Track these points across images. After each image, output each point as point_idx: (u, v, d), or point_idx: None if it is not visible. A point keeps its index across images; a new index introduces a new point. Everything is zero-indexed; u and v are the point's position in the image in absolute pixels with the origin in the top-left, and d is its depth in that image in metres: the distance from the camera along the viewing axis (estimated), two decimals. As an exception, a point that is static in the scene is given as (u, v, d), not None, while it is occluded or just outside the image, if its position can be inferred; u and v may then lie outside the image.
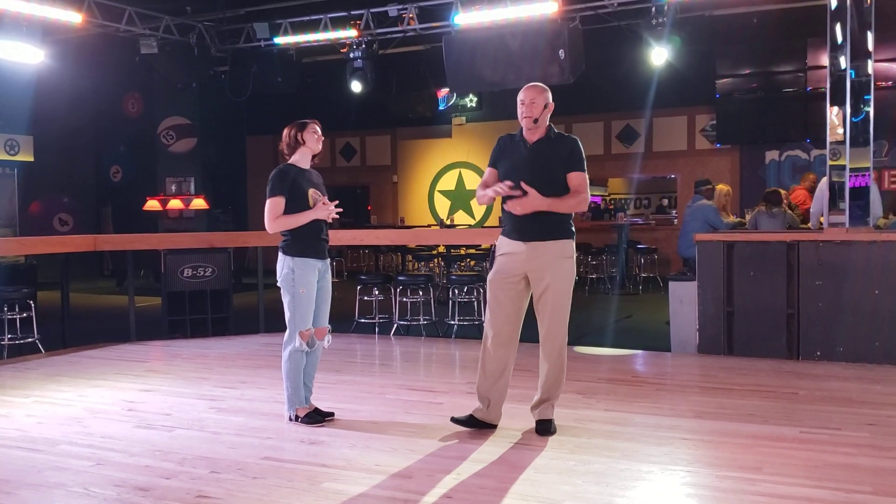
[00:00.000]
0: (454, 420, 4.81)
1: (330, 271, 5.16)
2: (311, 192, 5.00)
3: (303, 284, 4.91)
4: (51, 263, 9.24)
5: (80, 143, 16.63)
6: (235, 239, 9.62)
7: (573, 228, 4.70)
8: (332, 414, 5.16)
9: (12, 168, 15.61)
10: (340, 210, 5.10)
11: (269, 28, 12.04)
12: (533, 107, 4.60)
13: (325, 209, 4.97)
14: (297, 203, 4.94)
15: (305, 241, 4.95)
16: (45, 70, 11.12)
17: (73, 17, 10.54)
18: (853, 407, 5.26)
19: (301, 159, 5.05)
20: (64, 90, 13.70)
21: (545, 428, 4.65)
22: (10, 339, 7.67)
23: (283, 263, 4.95)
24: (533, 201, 4.46)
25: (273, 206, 4.91)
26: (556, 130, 4.73)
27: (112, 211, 16.87)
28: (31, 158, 15.65)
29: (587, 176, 4.65)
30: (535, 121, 4.61)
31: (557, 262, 4.60)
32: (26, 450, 4.54)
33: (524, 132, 4.69)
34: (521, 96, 4.66)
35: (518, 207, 4.49)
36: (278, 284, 5.00)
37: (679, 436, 4.61)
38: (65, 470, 4.15)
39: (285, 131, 5.07)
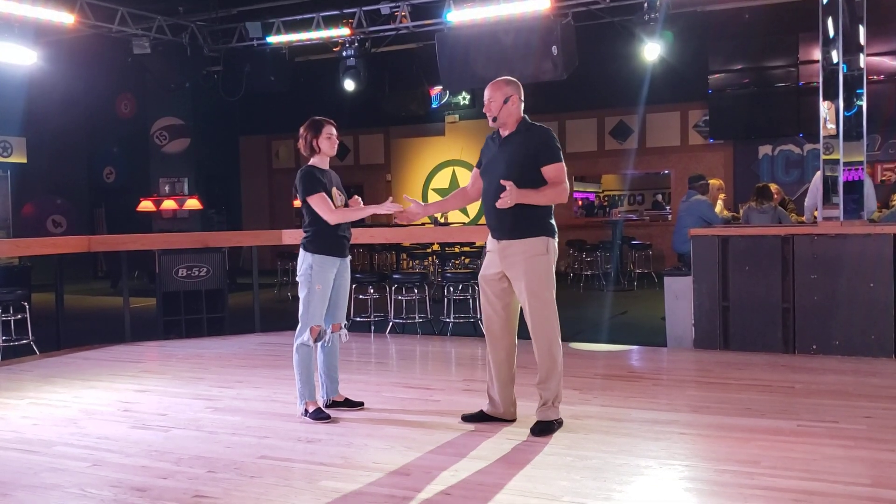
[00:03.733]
0: (465, 418, 4.82)
1: (349, 269, 5.21)
2: (335, 191, 5.11)
3: (320, 281, 4.97)
4: (45, 265, 9.20)
5: (73, 145, 16.59)
6: (230, 239, 9.61)
7: (550, 225, 4.60)
8: (361, 403, 5.30)
9: (5, 170, 15.56)
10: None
11: (262, 27, 12.03)
12: (491, 104, 4.62)
13: (389, 207, 4.97)
14: None
15: (327, 239, 5.02)
16: (38, 71, 11.09)
17: (66, 18, 10.52)
18: (850, 400, 5.28)
19: (319, 162, 5.15)
20: (56, 91, 13.67)
21: (538, 428, 4.57)
22: (4, 341, 7.65)
23: (303, 259, 5.01)
24: (514, 196, 4.38)
25: (323, 201, 4.96)
26: (528, 122, 4.67)
27: (106, 212, 16.84)
28: (24, 160, 15.60)
29: (564, 165, 4.58)
30: (495, 119, 4.62)
31: (528, 261, 4.51)
32: (22, 451, 4.52)
33: (499, 129, 4.70)
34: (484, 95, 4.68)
35: (500, 202, 4.41)
36: (297, 279, 5.09)
37: (676, 430, 4.61)
38: (61, 471, 4.14)
39: (301, 132, 5.13)
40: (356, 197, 5.22)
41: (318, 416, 5.00)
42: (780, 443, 4.33)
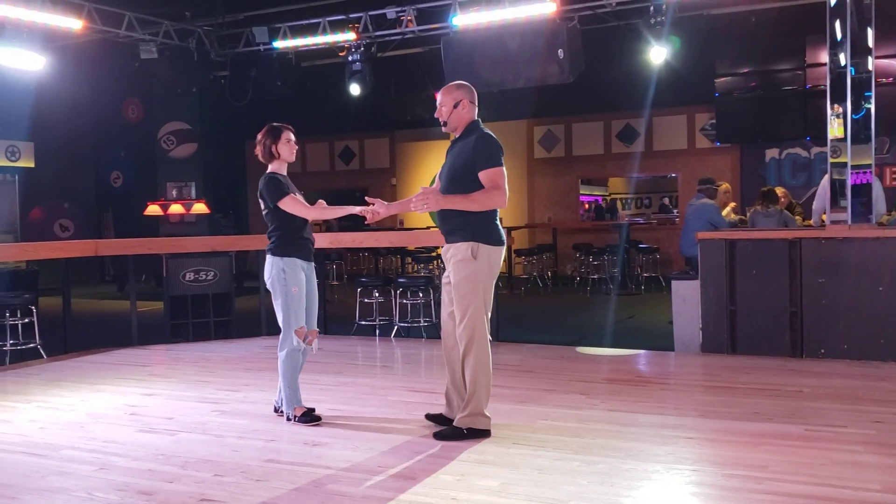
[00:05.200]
0: (428, 417, 4.90)
1: (315, 274, 5.24)
2: (298, 197, 5.15)
3: (294, 283, 4.99)
4: (52, 269, 9.23)
5: (80, 149, 16.65)
6: (236, 243, 9.62)
7: (486, 231, 4.54)
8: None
9: (13, 174, 15.63)
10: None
11: (269, 32, 12.06)
12: (442, 109, 4.69)
13: (357, 209, 5.04)
14: None
15: (293, 243, 5.05)
16: (46, 76, 11.12)
17: (74, 24, 10.55)
18: (859, 404, 5.24)
19: (279, 168, 5.14)
20: (64, 96, 13.71)
21: (445, 433, 4.59)
22: (11, 345, 7.67)
23: (272, 265, 5.03)
24: (430, 200, 4.44)
25: (295, 202, 5.01)
26: (474, 127, 4.65)
27: (113, 216, 16.90)
28: (31, 164, 15.66)
29: (502, 169, 4.50)
30: (445, 123, 4.69)
31: (456, 265, 4.56)
32: (29, 455, 4.53)
33: (452, 134, 4.77)
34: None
35: (418, 206, 4.46)
36: (268, 287, 5.10)
37: (683, 435, 4.59)
38: (68, 475, 4.14)
39: (259, 138, 5.12)
40: (321, 201, 5.25)
41: (308, 419, 5.00)
42: (788, 447, 4.31)
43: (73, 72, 12.87)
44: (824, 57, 7.41)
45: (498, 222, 4.63)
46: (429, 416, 4.91)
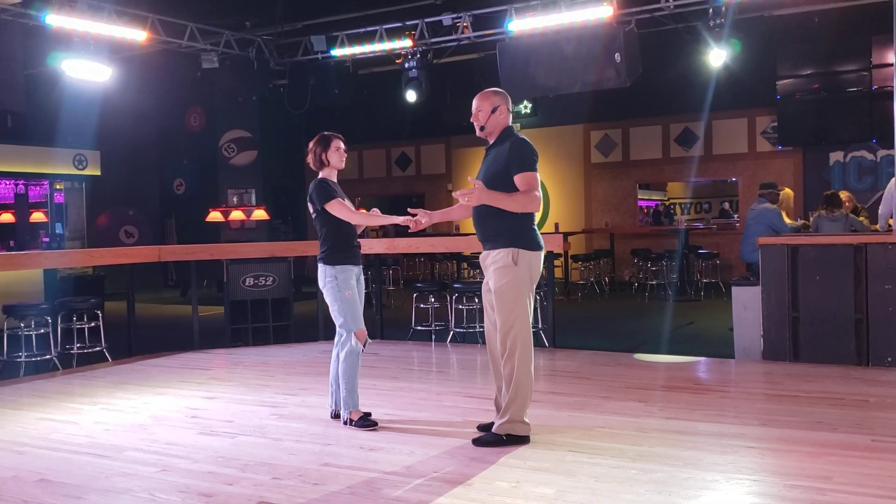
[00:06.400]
0: (480, 428, 4.83)
1: (363, 278, 5.32)
2: (347, 202, 5.24)
3: (347, 288, 5.11)
4: (117, 274, 9.48)
5: (144, 158, 17.07)
6: (295, 248, 9.76)
7: (525, 236, 4.54)
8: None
9: (81, 182, 16.07)
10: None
11: (326, 41, 12.20)
12: (479, 114, 4.72)
13: (400, 219, 5.13)
14: None
15: (345, 250, 5.17)
16: (112, 87, 11.44)
17: (138, 35, 10.84)
18: (928, 415, 5.08)
19: (329, 175, 5.29)
20: (129, 106, 14.10)
21: (484, 439, 4.58)
22: (79, 348, 7.90)
23: (324, 273, 5.14)
24: (478, 194, 4.49)
25: (342, 205, 5.14)
26: (510, 132, 4.68)
27: (176, 223, 17.26)
28: (98, 173, 16.08)
29: (536, 174, 4.52)
30: (482, 128, 4.71)
31: (497, 272, 4.55)
32: (94, 456, 4.66)
33: (488, 139, 4.77)
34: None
35: (465, 200, 4.52)
36: (325, 298, 5.19)
37: (744, 444, 4.50)
38: (131, 476, 4.25)
39: (310, 146, 5.29)
40: (376, 209, 5.40)
41: (364, 424, 5.04)
42: (853, 458, 4.19)
43: (137, 82, 13.22)
44: (891, 57, 7.21)
45: (535, 227, 4.63)
46: (481, 427, 4.89)
